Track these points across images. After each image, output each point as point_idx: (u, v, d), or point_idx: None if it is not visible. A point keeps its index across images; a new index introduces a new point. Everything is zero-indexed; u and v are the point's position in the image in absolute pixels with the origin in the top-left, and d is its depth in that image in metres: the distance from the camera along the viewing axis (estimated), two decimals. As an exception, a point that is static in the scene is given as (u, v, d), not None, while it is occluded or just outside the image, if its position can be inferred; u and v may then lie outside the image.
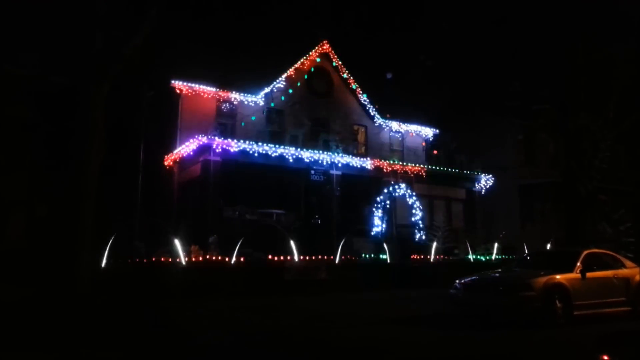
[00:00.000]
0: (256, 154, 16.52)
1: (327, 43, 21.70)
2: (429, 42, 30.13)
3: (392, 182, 19.66)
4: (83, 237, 9.96)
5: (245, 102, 19.74)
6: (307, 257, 14.17)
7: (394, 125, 23.69)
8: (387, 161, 19.98)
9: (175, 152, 17.89)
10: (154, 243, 14.07)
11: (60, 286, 9.65)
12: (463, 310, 10.10)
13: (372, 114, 22.85)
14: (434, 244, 17.19)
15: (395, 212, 19.93)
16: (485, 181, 22.23)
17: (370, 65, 27.21)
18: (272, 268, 13.45)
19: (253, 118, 19.54)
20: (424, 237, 18.92)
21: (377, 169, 19.36)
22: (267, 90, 20.05)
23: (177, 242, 12.47)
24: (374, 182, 19.62)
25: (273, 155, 16.86)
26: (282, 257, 13.75)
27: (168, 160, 18.63)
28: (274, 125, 20.34)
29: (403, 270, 15.58)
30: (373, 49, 31.55)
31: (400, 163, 20.46)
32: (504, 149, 24.48)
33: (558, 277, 9.35)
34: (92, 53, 10.31)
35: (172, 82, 18.47)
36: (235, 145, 16.19)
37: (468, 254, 17.79)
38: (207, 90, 19.04)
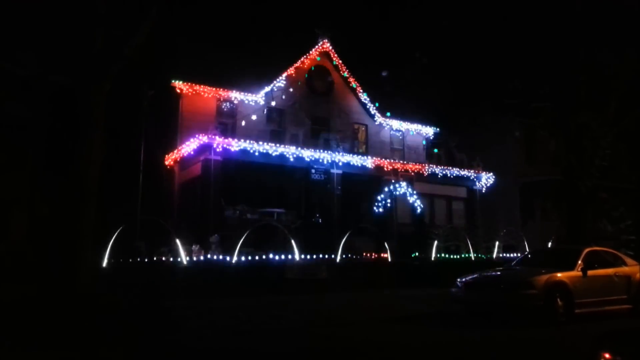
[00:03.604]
0: (257, 153, 16.53)
1: (327, 42, 21.66)
2: (429, 40, 30.05)
3: (393, 181, 19.66)
4: (84, 237, 9.96)
5: (246, 101, 19.73)
6: (308, 256, 14.17)
7: (395, 123, 23.67)
8: (388, 160, 19.97)
9: (175, 151, 17.91)
10: (155, 243, 14.09)
11: (61, 286, 9.65)
12: (465, 309, 10.12)
13: (372, 112, 22.82)
14: (435, 243, 17.19)
15: (396, 211, 19.92)
16: (486, 179, 22.22)
17: (371, 64, 27.12)
18: (274, 267, 13.46)
19: (254, 117, 19.51)
20: (424, 235, 18.90)
21: (378, 167, 19.35)
22: (267, 89, 20.04)
23: (178, 242, 12.48)
24: (375, 180, 19.62)
25: (274, 154, 16.87)
26: (283, 257, 13.76)
27: (169, 160, 18.64)
28: (275, 124, 20.36)
29: (404, 269, 15.57)
30: (373, 47, 31.47)
31: (401, 161, 20.46)
32: (505, 147, 24.44)
33: (559, 275, 9.36)
34: (93, 52, 10.30)
35: (173, 81, 18.49)
36: (235, 145, 16.21)
37: (469, 252, 17.78)
38: (208, 89, 19.04)
